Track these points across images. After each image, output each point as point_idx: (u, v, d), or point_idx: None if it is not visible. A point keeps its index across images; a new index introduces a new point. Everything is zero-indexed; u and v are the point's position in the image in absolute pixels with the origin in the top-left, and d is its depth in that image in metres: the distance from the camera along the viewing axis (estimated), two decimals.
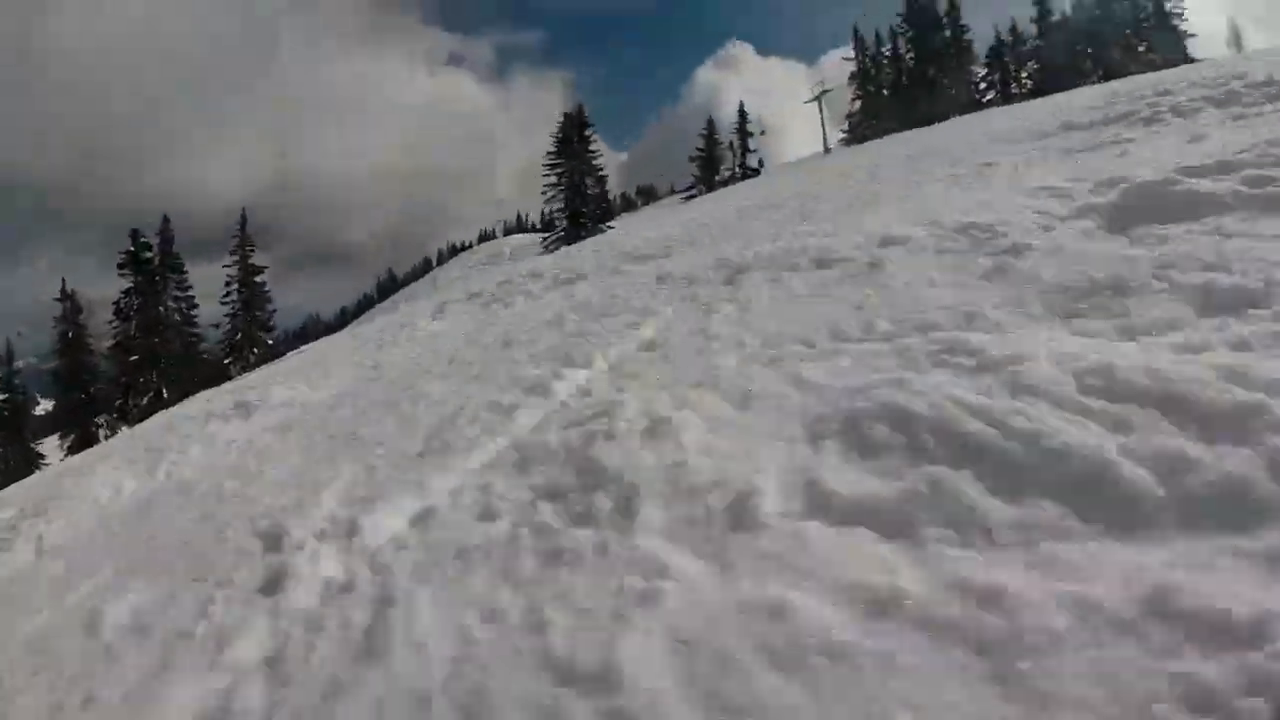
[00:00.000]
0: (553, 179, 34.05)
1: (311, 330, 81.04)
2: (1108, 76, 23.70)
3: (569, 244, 26.51)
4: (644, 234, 11.40)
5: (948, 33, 33.89)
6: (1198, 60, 23.62)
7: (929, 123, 23.44)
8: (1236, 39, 35.05)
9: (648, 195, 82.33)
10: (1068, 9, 32.87)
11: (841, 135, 36.20)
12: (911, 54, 34.78)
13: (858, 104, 36.04)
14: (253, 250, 30.91)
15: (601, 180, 34.54)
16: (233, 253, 30.29)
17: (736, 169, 36.85)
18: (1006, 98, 31.38)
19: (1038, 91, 28.26)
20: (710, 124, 38.74)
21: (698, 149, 39.03)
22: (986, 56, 34.43)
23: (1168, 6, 31.49)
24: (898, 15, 35.21)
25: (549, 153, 34.65)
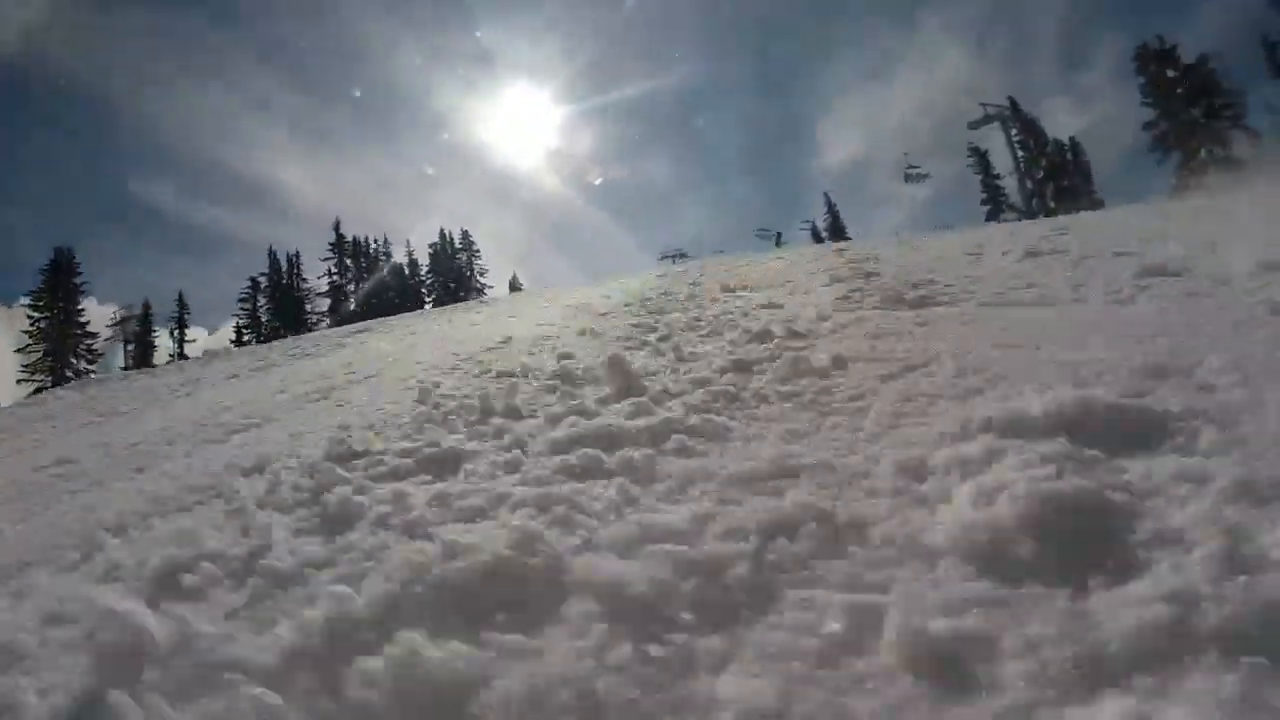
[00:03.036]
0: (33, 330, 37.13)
1: None
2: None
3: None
4: None
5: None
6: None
7: None
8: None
9: None
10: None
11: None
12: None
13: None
14: None
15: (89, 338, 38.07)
16: None
17: (174, 355, 44.11)
18: None
19: None
20: (146, 305, 43.80)
21: (134, 332, 44.03)
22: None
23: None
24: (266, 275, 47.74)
25: (31, 293, 37.85)
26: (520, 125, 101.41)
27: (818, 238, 52.37)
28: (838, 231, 53.30)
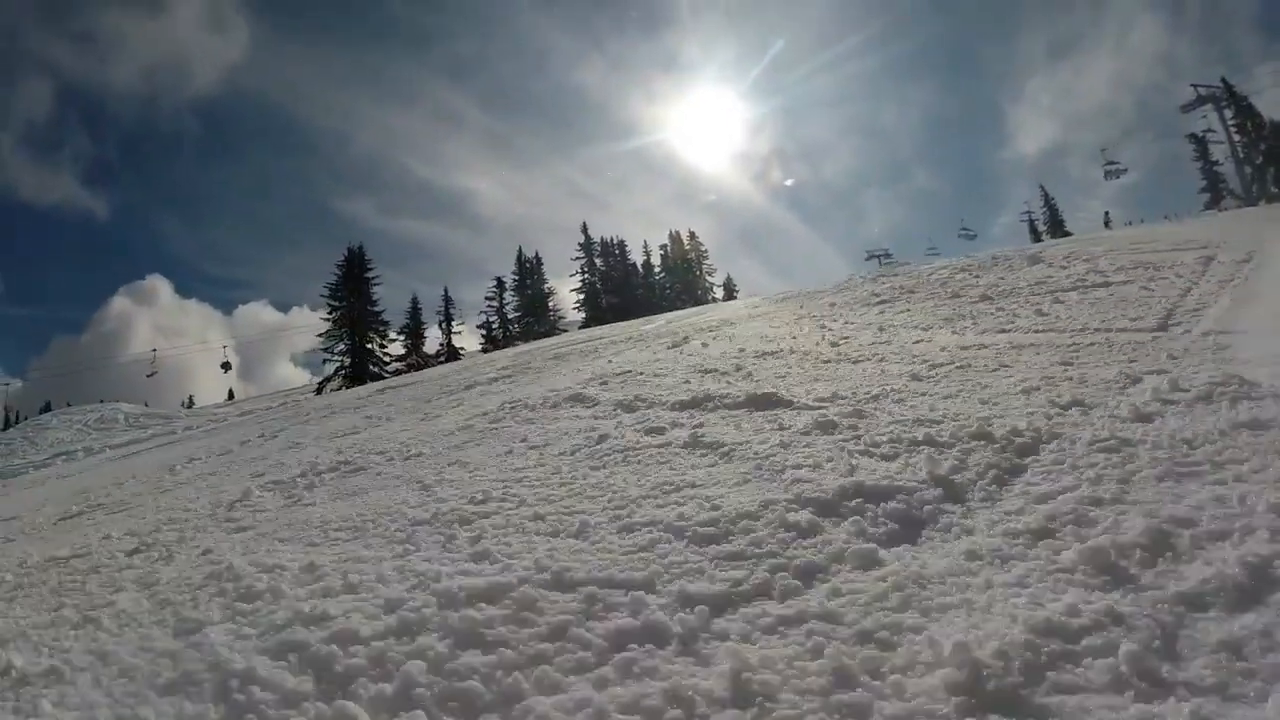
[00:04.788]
0: (334, 318, 41.53)
1: None
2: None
3: (354, 385, 32.29)
4: None
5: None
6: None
7: None
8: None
9: None
10: None
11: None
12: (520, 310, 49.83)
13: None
14: None
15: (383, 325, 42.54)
16: None
17: (443, 346, 47.71)
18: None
19: None
20: (415, 300, 47.27)
21: (404, 325, 47.77)
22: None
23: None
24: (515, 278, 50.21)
25: (329, 285, 42.09)
26: (707, 129, 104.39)
27: (1035, 233, 50.71)
28: (1056, 225, 51.50)
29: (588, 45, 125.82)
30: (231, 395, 45.71)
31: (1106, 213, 50.18)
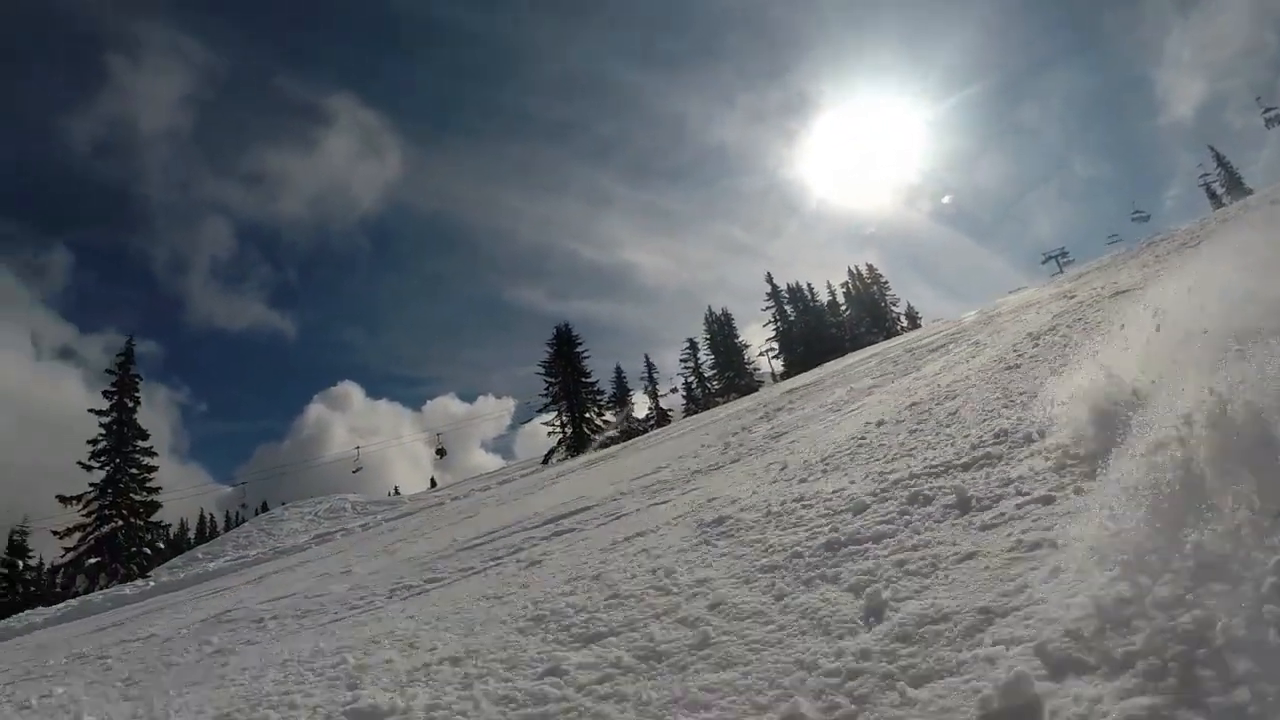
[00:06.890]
0: (550, 393, 45.48)
1: None
2: None
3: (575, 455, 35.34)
4: None
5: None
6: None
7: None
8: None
9: None
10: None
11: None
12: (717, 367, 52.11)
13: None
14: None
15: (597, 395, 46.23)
16: None
17: (653, 410, 51.16)
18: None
19: None
20: (619, 369, 51.05)
21: (612, 394, 51.83)
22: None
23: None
24: (705, 337, 52.72)
25: (543, 364, 46.34)
26: (851, 161, 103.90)
27: (1213, 196, 46.06)
28: (1234, 184, 46.14)
29: (718, 102, 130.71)
30: (434, 483, 48.85)
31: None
